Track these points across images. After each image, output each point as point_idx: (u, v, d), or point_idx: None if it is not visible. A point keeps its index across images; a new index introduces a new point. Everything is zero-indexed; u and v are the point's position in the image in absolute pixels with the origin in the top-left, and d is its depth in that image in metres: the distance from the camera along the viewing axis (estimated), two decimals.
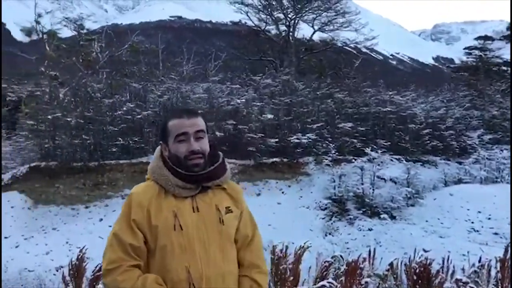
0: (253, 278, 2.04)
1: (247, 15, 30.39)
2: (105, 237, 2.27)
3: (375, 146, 15.32)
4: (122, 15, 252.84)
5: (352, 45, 33.29)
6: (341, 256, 5.26)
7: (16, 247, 11.88)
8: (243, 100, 17.74)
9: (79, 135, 15.96)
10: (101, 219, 13.15)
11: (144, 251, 1.91)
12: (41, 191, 14.46)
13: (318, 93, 19.46)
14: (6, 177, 15.03)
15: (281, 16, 29.59)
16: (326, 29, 30.12)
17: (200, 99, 17.68)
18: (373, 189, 14.09)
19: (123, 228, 1.92)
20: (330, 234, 12.67)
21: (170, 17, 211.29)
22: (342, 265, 4.86)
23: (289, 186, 15.29)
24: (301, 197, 14.70)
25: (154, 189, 1.97)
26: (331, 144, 16.01)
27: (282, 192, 15.01)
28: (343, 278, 4.38)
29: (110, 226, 2.09)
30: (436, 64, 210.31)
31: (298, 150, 16.40)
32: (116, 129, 16.43)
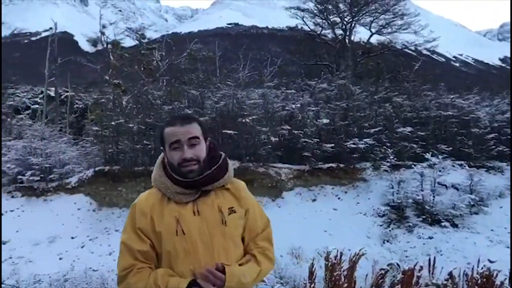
0: (253, 253, 2.02)
1: (303, 20, 30.40)
2: None
3: (436, 151, 14.83)
4: (182, 24, 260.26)
5: (411, 48, 32.40)
6: (397, 264, 5.14)
7: (82, 247, 12.50)
8: (298, 105, 17.66)
9: (140, 141, 16.53)
10: None
11: (152, 255, 1.96)
12: (105, 194, 15.12)
13: (375, 97, 19.04)
14: (73, 180, 15.84)
15: (338, 20, 29.33)
16: (384, 32, 29.50)
17: (255, 105, 17.80)
18: (434, 196, 13.60)
19: (130, 237, 1.97)
20: (388, 241, 12.36)
21: (227, 24, 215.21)
22: (399, 273, 4.74)
23: (346, 192, 15.07)
24: (358, 203, 14.45)
25: (156, 196, 2.02)
26: (389, 149, 15.63)
27: (338, 198, 14.82)
28: (399, 286, 4.27)
29: None
30: (504, 65, 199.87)
31: (355, 155, 16.10)
32: None
